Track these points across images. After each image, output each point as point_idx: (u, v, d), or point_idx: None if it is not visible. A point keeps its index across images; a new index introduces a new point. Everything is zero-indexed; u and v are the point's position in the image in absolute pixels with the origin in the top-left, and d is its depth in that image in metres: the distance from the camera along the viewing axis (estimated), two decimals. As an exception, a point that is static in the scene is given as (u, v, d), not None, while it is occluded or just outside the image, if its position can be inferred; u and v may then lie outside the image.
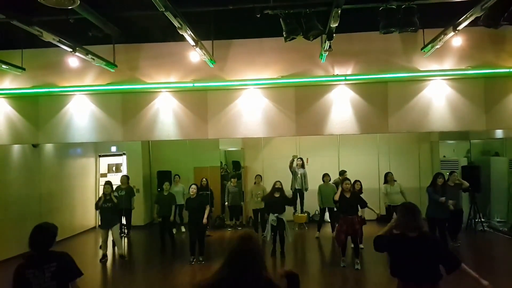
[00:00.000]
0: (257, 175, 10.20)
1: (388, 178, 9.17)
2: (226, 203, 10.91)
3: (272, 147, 11.87)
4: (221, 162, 12.29)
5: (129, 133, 7.35)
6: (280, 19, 5.35)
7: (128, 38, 7.04)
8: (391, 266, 3.57)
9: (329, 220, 9.84)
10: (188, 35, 5.33)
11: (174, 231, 9.98)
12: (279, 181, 8.36)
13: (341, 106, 6.96)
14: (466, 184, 8.39)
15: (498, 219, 10.29)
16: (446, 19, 5.62)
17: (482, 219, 10.04)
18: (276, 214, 7.99)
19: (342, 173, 9.77)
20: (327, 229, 9.99)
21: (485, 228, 9.95)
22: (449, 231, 8.32)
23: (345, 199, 7.29)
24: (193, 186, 8.10)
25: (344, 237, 7.24)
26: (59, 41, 5.46)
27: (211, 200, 9.98)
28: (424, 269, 3.38)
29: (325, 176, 9.76)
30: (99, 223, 8.46)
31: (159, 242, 9.33)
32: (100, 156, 12.42)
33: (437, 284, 3.42)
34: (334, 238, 7.71)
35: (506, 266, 7.41)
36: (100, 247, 9.58)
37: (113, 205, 8.19)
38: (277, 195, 8.13)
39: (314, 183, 10.01)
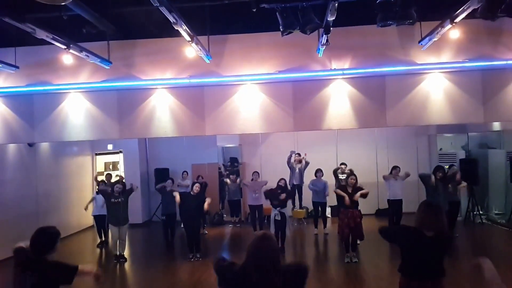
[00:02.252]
0: (254, 172, 10.17)
1: (393, 172, 9.09)
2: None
3: (270, 143, 11.83)
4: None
5: (126, 131, 7.29)
6: (277, 13, 5.28)
7: (123, 35, 6.96)
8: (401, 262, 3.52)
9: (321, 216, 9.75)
10: (183, 30, 5.26)
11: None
12: (283, 179, 8.43)
13: (339, 101, 6.92)
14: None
15: (496, 212, 10.29)
16: (443, 12, 5.57)
17: (480, 212, 10.07)
18: (278, 208, 8.01)
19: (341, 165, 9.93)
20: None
21: (483, 221, 9.98)
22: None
23: (348, 193, 7.28)
24: (197, 184, 8.18)
25: (348, 231, 7.24)
26: (53, 38, 5.36)
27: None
28: (432, 267, 3.35)
29: (318, 171, 9.73)
30: (108, 220, 8.15)
31: (162, 239, 9.44)
32: (96, 154, 12.35)
33: (441, 280, 3.40)
34: (337, 233, 7.73)
35: (504, 258, 7.41)
36: (99, 245, 9.58)
37: (123, 201, 8.03)
38: (279, 191, 8.12)
39: (312, 178, 9.94)
